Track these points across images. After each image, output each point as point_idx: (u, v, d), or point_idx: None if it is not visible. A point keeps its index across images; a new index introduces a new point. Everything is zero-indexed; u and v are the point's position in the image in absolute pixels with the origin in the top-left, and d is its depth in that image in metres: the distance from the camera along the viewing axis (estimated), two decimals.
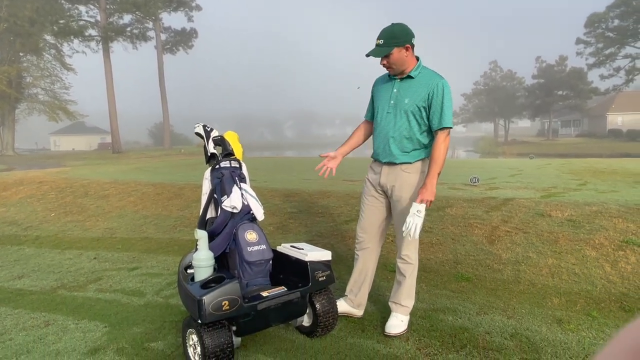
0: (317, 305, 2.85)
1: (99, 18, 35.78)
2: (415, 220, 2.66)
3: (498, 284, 3.72)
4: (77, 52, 36.80)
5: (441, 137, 2.75)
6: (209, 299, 2.36)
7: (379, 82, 3.07)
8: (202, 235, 2.67)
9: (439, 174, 2.77)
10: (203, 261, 2.64)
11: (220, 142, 3.21)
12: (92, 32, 35.51)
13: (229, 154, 3.18)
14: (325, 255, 2.91)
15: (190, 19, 42.25)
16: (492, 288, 3.67)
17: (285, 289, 2.75)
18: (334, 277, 2.95)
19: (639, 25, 38.24)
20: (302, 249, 2.93)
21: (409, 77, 2.81)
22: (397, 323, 2.95)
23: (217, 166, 3.10)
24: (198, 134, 3.27)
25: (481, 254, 4.17)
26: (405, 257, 2.98)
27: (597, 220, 4.41)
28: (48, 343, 2.99)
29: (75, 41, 35.17)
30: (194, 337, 2.53)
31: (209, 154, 3.20)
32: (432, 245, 4.44)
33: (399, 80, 2.86)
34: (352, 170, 8.78)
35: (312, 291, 2.83)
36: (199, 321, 2.38)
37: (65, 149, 61.98)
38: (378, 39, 2.73)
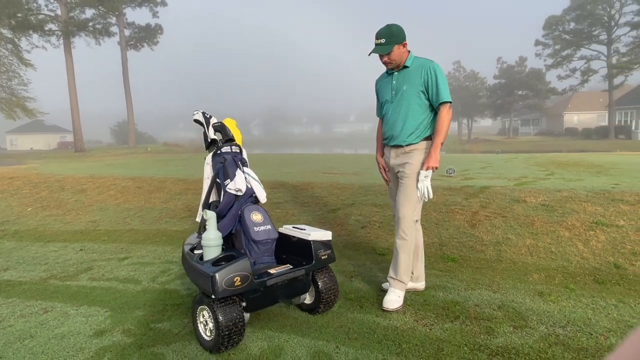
0: (320, 283, 2.99)
1: (59, 12, 34.50)
2: (425, 184, 3.01)
3: (482, 263, 3.96)
4: (37, 47, 35.33)
5: (443, 111, 3.03)
6: (221, 275, 2.46)
7: (379, 81, 3.37)
8: (211, 216, 2.76)
9: (442, 144, 3.05)
10: (213, 240, 2.73)
11: (220, 128, 3.29)
12: (52, 26, 34.20)
13: (229, 140, 3.27)
14: (326, 235, 3.05)
15: (155, 15, 41.27)
16: (476, 267, 3.90)
17: (291, 267, 2.87)
18: (335, 255, 3.09)
19: (592, 29, 40.05)
20: (304, 229, 3.06)
21: (405, 67, 3.11)
22: (395, 298, 3.12)
23: (219, 151, 3.18)
24: (197, 121, 3.33)
25: (464, 237, 4.41)
26: (402, 234, 3.15)
27: (568, 205, 4.73)
28: (51, 328, 3.00)
29: (35, 36, 33.79)
30: (206, 314, 2.62)
31: (209, 140, 3.28)
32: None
33: (396, 73, 3.16)
34: (331, 164, 8.95)
35: (316, 269, 2.96)
36: (213, 297, 2.47)
37: (22, 148, 59.46)
38: (378, 38, 3.02)
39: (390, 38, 2.99)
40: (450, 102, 3.04)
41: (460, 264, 4.00)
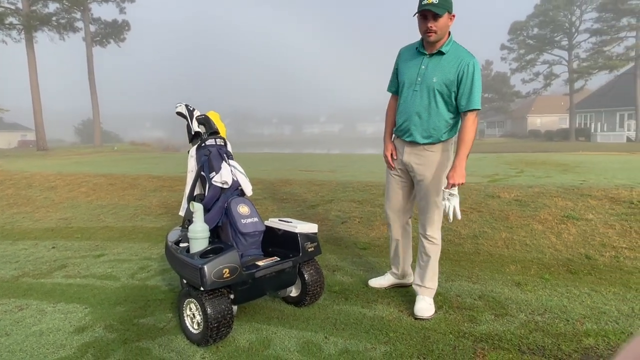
0: (306, 275, 3.00)
1: (20, 5, 33.18)
2: (451, 203, 2.68)
3: (461, 256, 4.06)
4: None
5: (470, 118, 2.67)
6: (210, 267, 2.44)
7: (404, 54, 2.92)
8: (198, 208, 2.73)
9: (467, 156, 2.71)
10: (199, 233, 2.70)
11: (204, 121, 3.26)
12: (12, 20, 32.84)
13: (213, 132, 3.24)
14: (312, 227, 3.06)
15: (122, 11, 40.26)
16: (456, 259, 4.00)
17: (278, 259, 2.87)
18: (321, 248, 3.11)
19: (555, 34, 41.61)
20: (291, 222, 3.07)
21: (439, 52, 2.69)
22: (427, 306, 2.90)
23: (203, 144, 3.15)
24: (180, 114, 3.30)
25: (443, 231, 4.42)
26: (430, 238, 2.97)
27: (540, 200, 4.91)
28: (27, 325, 2.91)
29: None
30: (193, 307, 2.60)
31: (192, 133, 3.24)
32: None
33: (427, 56, 2.74)
34: (306, 163, 8.97)
35: (302, 261, 2.97)
36: (202, 289, 2.45)
37: None
38: None
39: (444, 1, 2.53)
40: (479, 110, 2.69)
41: (440, 256, 4.07)
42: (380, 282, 3.43)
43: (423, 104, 2.76)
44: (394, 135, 3.09)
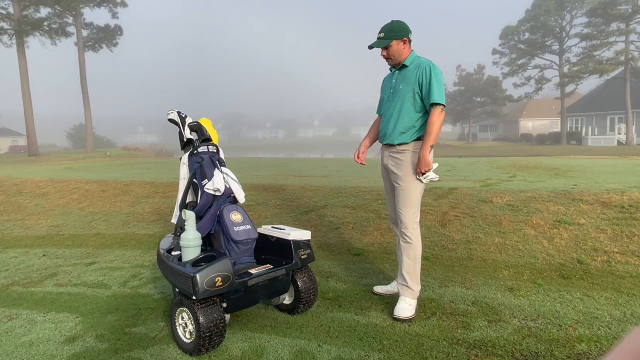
0: (299, 282, 2.99)
1: (11, 10, 32.99)
2: (429, 178, 3.00)
3: (454, 261, 4.07)
4: None
5: (434, 113, 2.94)
6: (202, 275, 2.42)
7: (384, 80, 3.38)
8: (190, 216, 2.71)
9: (432, 147, 2.97)
10: (192, 241, 2.68)
11: (196, 127, 3.25)
12: (4, 24, 32.64)
13: (206, 139, 3.23)
14: (306, 234, 3.05)
15: (114, 15, 40.14)
16: (449, 265, 4.00)
17: (272, 267, 2.86)
18: (314, 255, 3.10)
19: (546, 39, 41.96)
20: (284, 229, 3.06)
21: (404, 66, 3.10)
22: (406, 307, 2.99)
23: (196, 151, 3.14)
24: (172, 120, 3.28)
25: (435, 236, 4.52)
26: (404, 236, 3.08)
27: (532, 204, 4.93)
28: (17, 335, 2.87)
29: None
30: (185, 316, 2.57)
31: (184, 140, 3.23)
32: (390, 230, 4.72)
33: (397, 72, 3.16)
34: (300, 167, 8.95)
35: (296, 268, 2.96)
36: (193, 298, 2.43)
37: None
38: (379, 32, 3.06)
39: (390, 33, 3.01)
40: (443, 105, 2.96)
41: (433, 262, 4.09)
42: (387, 288, 3.42)
43: (394, 109, 3.12)
44: (374, 138, 3.47)
